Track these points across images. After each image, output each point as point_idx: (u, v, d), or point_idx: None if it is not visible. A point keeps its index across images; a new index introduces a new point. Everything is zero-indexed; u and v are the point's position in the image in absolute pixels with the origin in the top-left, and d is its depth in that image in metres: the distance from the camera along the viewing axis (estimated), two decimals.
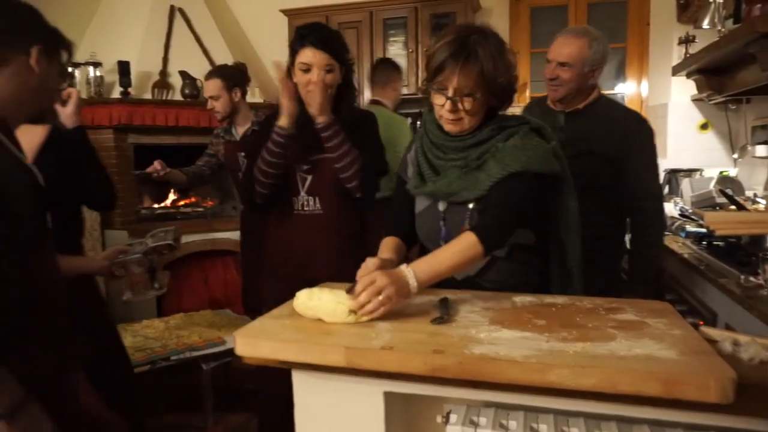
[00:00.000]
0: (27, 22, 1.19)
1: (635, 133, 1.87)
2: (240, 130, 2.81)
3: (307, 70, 1.66)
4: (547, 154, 1.32)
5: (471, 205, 1.34)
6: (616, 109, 2.04)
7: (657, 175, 1.90)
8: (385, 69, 3.05)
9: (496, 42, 1.27)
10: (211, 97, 2.72)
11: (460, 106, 1.27)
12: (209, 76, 2.76)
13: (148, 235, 1.86)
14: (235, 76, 2.75)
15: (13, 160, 1.15)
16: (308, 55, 1.66)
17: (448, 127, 1.32)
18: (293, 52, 1.71)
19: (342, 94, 1.76)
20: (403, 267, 1.18)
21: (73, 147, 1.76)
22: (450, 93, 1.26)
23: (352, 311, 1.12)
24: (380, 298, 1.12)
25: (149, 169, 2.64)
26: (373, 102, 3.04)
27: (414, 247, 1.61)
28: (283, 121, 1.68)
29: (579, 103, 1.95)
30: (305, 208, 1.77)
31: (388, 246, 1.43)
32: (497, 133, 1.32)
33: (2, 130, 1.16)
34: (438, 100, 1.29)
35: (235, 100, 2.74)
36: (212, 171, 2.95)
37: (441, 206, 1.39)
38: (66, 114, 1.75)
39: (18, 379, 1.07)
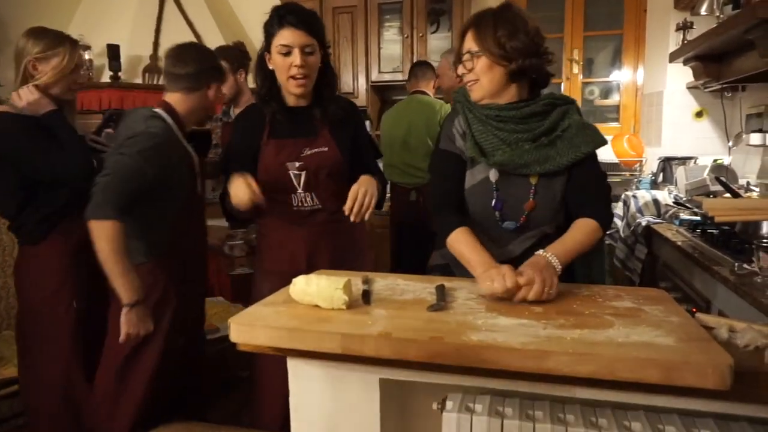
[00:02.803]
0: (210, 66, 1.82)
1: None
2: (237, 111, 2.78)
3: (287, 53, 1.57)
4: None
5: (534, 181, 1.39)
6: None
7: None
8: (423, 67, 3.25)
9: (511, 12, 1.35)
10: None
11: (469, 65, 1.36)
12: None
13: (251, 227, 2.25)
14: (239, 58, 2.69)
15: (183, 148, 1.77)
16: (287, 36, 1.56)
17: (471, 96, 1.41)
18: (269, 34, 1.61)
19: (323, 77, 1.68)
20: (545, 254, 1.25)
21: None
22: (462, 57, 1.38)
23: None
24: (547, 289, 1.16)
25: None
26: (417, 92, 3.19)
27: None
28: (242, 206, 1.56)
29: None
30: (303, 205, 1.69)
31: (479, 245, 1.33)
32: (551, 108, 1.39)
33: (181, 129, 1.77)
34: (459, 70, 1.40)
35: (240, 81, 2.70)
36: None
37: (492, 176, 1.41)
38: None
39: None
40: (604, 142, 1.41)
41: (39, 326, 1.81)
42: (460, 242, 1.35)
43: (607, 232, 2.79)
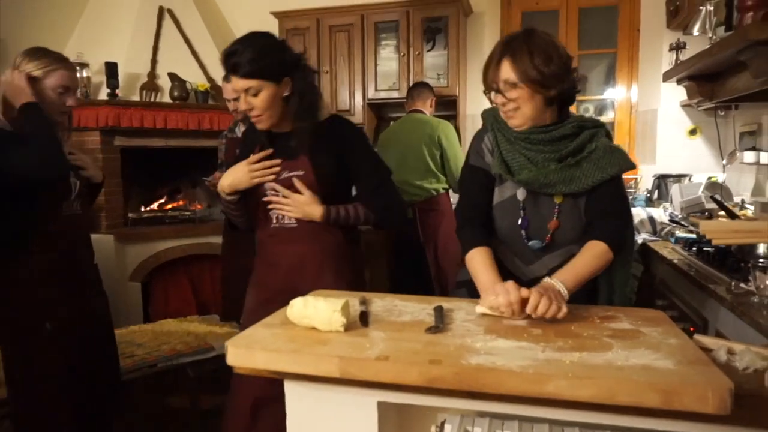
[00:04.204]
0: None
1: None
2: (244, 129, 2.80)
3: (237, 98, 1.63)
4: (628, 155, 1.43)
5: (558, 201, 1.40)
6: None
7: None
8: (419, 87, 3.30)
9: (541, 37, 1.34)
10: (236, 100, 2.69)
11: (510, 95, 1.34)
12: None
13: None
14: None
15: None
16: (233, 82, 1.60)
17: (510, 123, 1.40)
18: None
19: (297, 104, 1.65)
20: (551, 280, 1.24)
21: None
22: (498, 86, 1.35)
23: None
24: (551, 311, 1.15)
25: (209, 180, 2.77)
26: (413, 111, 3.24)
27: None
28: (228, 195, 1.71)
29: None
30: (281, 222, 1.72)
31: (491, 266, 1.36)
32: (580, 131, 1.40)
33: None
34: (495, 98, 1.38)
35: None
36: None
37: (520, 195, 1.43)
38: None
39: None
40: (631, 167, 1.42)
41: (15, 349, 1.76)
42: (475, 261, 1.38)
43: None
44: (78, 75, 3.28)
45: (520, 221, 1.42)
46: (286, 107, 1.65)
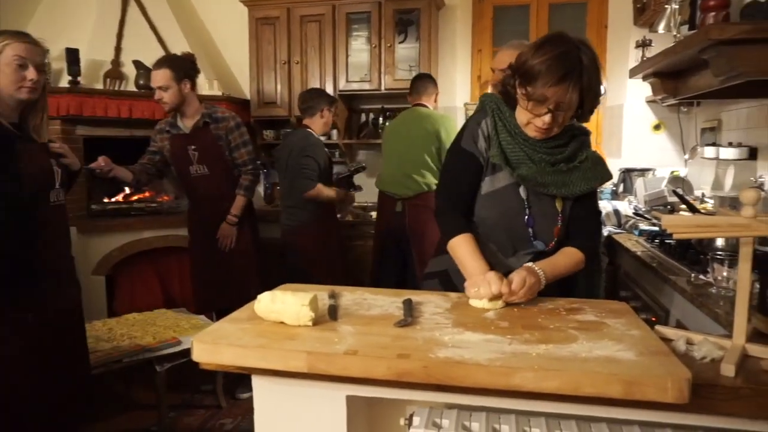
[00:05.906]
0: (319, 100, 3.02)
1: None
2: (189, 123, 2.73)
3: (161, 87, 1.59)
4: None
5: (559, 207, 1.44)
6: None
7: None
8: (424, 80, 3.26)
9: (594, 58, 1.32)
10: (160, 88, 2.63)
11: (558, 116, 1.32)
12: (158, 66, 2.65)
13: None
14: (184, 67, 2.66)
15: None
16: None
17: (533, 134, 1.38)
18: None
19: None
20: (533, 267, 1.32)
21: None
22: (551, 106, 1.29)
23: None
24: (525, 290, 1.25)
25: (92, 165, 2.45)
26: (418, 105, 3.19)
27: None
28: None
29: None
30: None
31: (477, 251, 1.39)
32: (571, 140, 1.43)
33: None
34: (535, 110, 1.31)
35: (185, 91, 2.66)
36: (158, 169, 2.86)
37: (523, 192, 1.43)
38: None
39: None
40: (610, 178, 1.49)
41: None
42: (462, 247, 1.39)
43: None
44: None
45: (526, 219, 1.44)
46: None
